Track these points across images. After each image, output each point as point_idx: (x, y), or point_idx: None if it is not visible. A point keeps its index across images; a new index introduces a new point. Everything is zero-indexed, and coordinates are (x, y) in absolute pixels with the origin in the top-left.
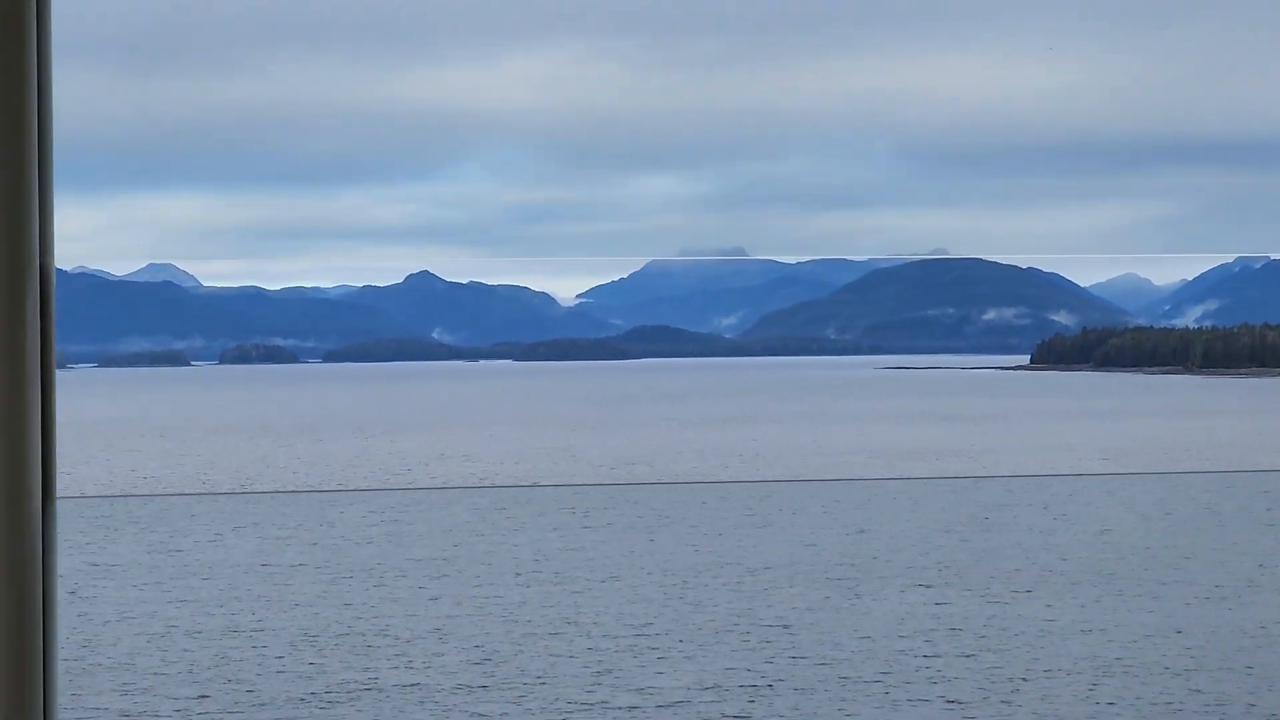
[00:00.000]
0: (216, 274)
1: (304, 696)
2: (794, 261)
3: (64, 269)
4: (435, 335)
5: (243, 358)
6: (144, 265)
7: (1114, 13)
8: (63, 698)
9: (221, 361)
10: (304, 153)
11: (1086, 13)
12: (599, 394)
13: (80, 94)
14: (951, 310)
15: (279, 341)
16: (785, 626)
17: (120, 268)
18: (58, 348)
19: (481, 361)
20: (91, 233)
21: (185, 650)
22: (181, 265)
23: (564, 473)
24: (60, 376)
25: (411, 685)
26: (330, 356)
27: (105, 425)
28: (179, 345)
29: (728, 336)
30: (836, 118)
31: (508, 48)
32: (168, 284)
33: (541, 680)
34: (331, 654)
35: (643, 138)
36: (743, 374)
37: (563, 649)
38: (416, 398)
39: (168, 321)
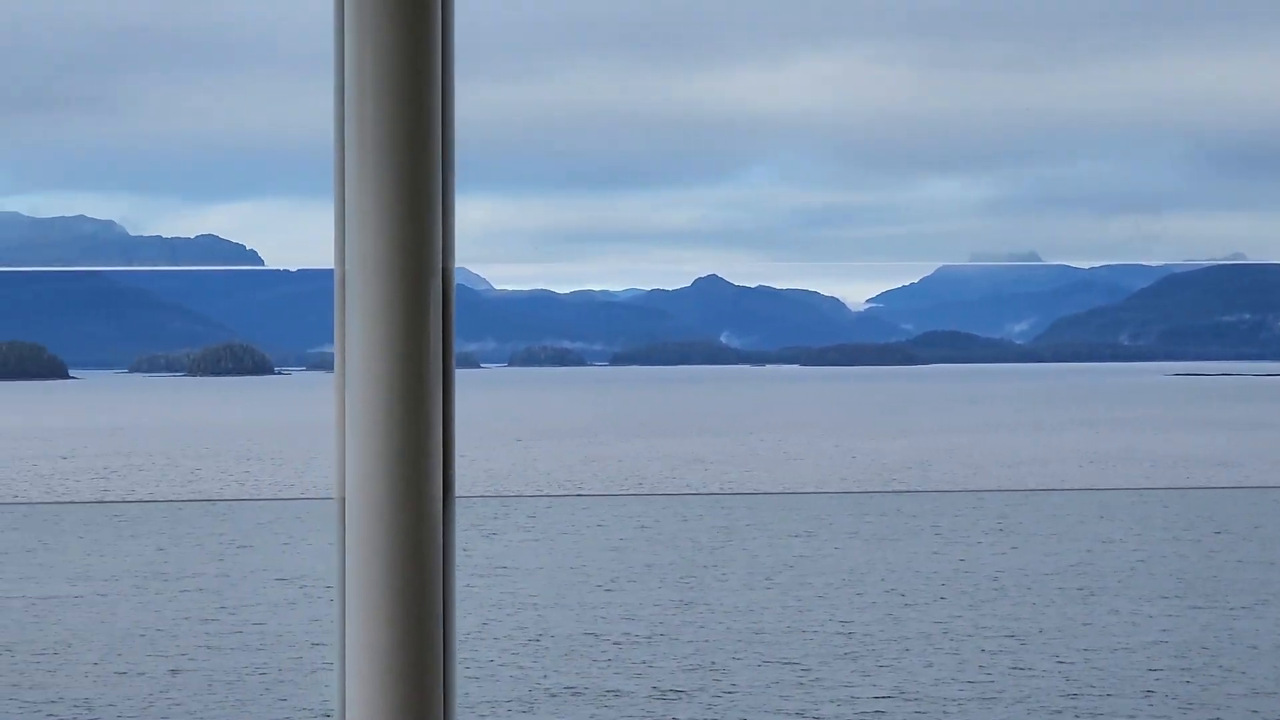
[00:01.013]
0: (508, 277)
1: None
2: (1087, 267)
3: None
4: (723, 339)
5: (531, 360)
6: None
7: None
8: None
9: (510, 364)
10: (594, 156)
11: None
12: (880, 399)
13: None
14: (1248, 316)
15: (567, 344)
16: (1010, 635)
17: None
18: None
19: (768, 366)
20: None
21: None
22: (474, 269)
23: (823, 479)
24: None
25: (609, 691)
26: (617, 360)
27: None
28: (471, 347)
29: (1019, 342)
30: (1131, 119)
31: (796, 50)
32: (461, 287)
33: (736, 688)
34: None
35: (933, 140)
36: (1031, 380)
37: (774, 654)
38: (698, 401)
39: (460, 324)
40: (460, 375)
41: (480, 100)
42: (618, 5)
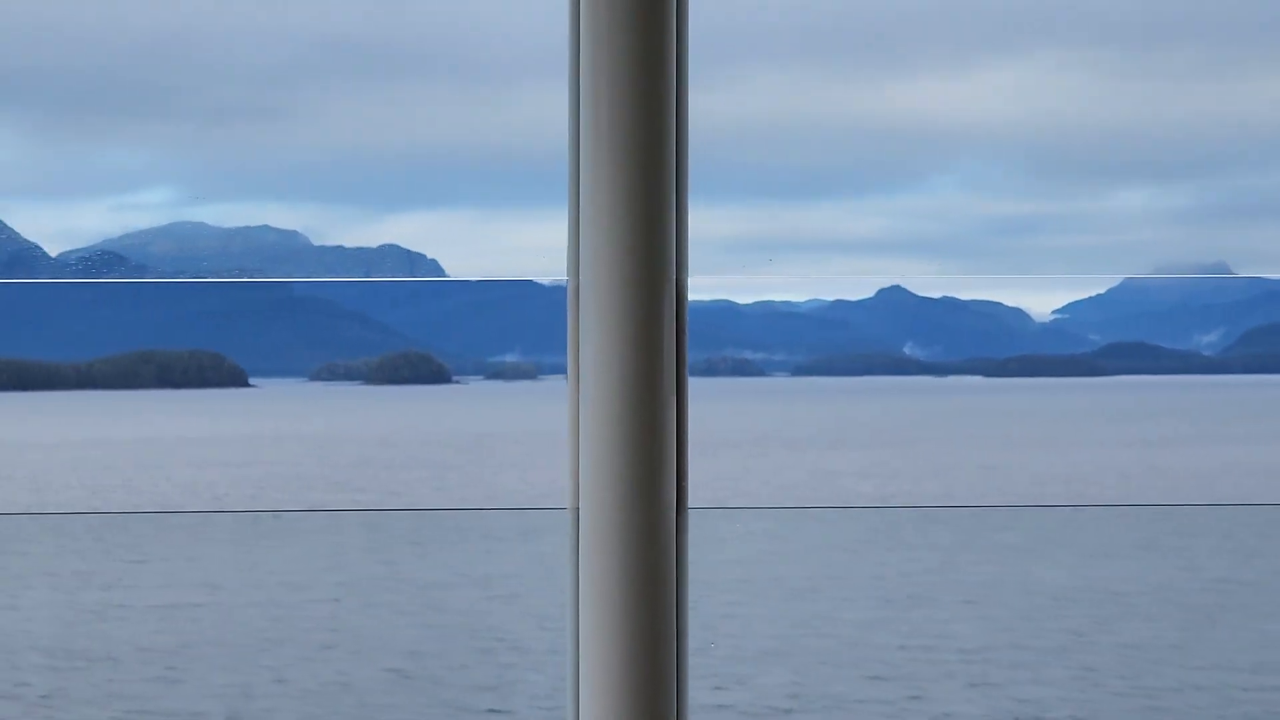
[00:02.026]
0: (692, 287)
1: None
2: (1279, 278)
3: (541, 282)
4: (906, 350)
5: (711, 370)
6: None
7: None
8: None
9: (690, 374)
10: (777, 166)
11: None
12: (1054, 410)
13: (550, 107)
14: None
15: (748, 355)
16: (1125, 657)
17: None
18: (529, 359)
19: (950, 377)
20: (565, 246)
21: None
22: None
23: (974, 491)
24: (528, 387)
25: (716, 706)
26: (798, 370)
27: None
28: None
29: (1206, 354)
30: None
31: (980, 59)
32: None
33: (841, 706)
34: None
35: (1120, 149)
36: (1215, 392)
37: (881, 670)
38: (873, 413)
39: None
40: None
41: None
42: (801, 15)
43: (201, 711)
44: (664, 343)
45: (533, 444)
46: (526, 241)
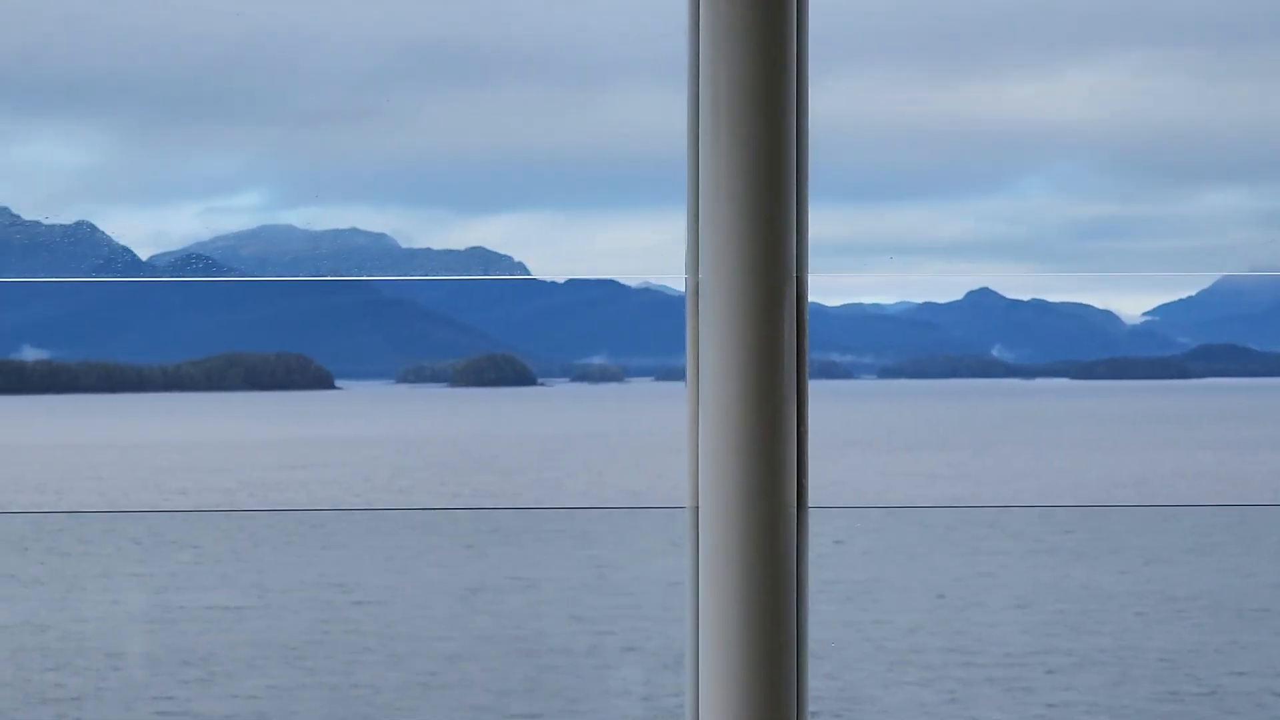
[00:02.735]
0: None
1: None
2: None
3: (627, 284)
4: (994, 353)
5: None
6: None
7: None
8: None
9: None
10: (865, 168)
11: None
12: (1137, 413)
13: (640, 109)
14: None
15: (835, 357)
16: (1163, 660)
17: (683, 283)
18: (616, 361)
19: (1037, 380)
20: (654, 248)
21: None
22: None
23: (1037, 494)
24: (616, 390)
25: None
26: (885, 373)
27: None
28: None
29: None
30: None
31: (1068, 59)
32: None
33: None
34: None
35: (1211, 150)
36: None
37: (913, 677)
38: (956, 415)
39: None
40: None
41: None
42: (886, 18)
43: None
44: (784, 340)
45: (619, 445)
46: (613, 244)
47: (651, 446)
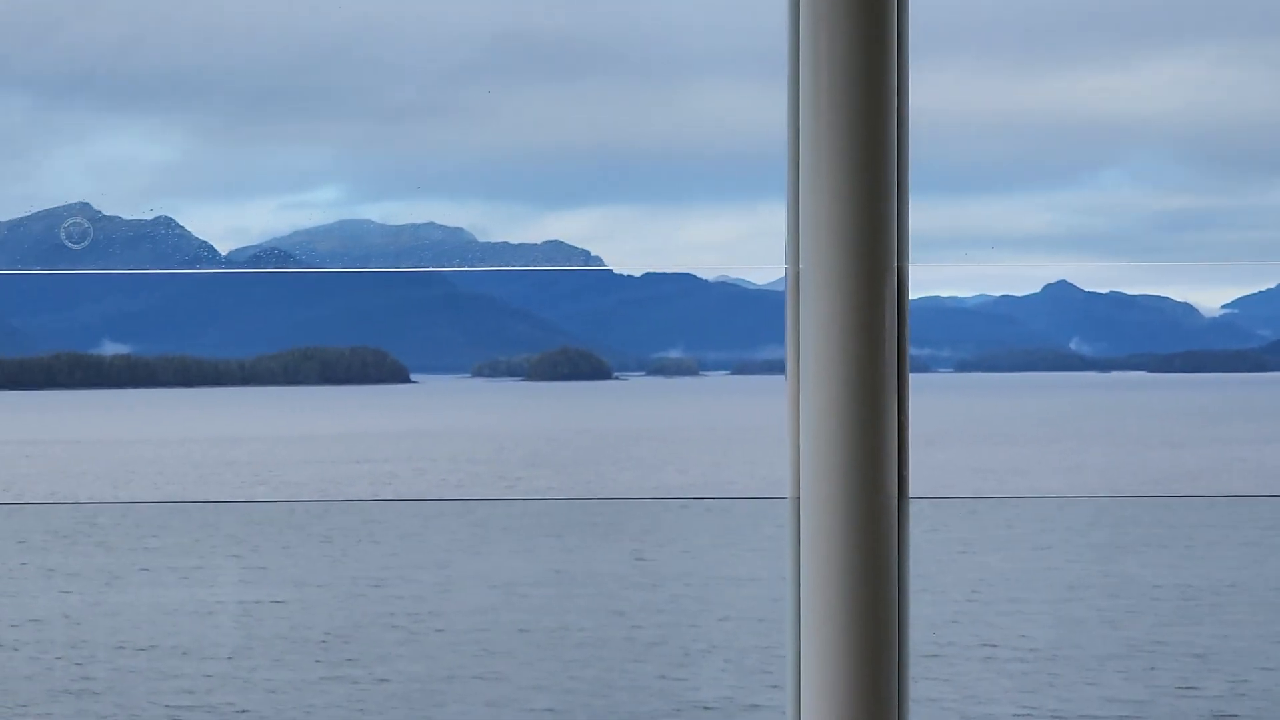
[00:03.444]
0: None
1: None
2: None
3: (704, 278)
4: (1072, 345)
5: None
6: (784, 274)
7: None
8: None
9: None
10: (943, 161)
11: None
12: (1210, 406)
13: (719, 103)
14: None
15: (913, 350)
16: (1198, 655)
17: (760, 277)
18: (691, 354)
19: (1114, 373)
20: (731, 241)
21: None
22: None
23: (1083, 486)
24: (691, 383)
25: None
26: (963, 366)
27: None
28: None
29: None
30: None
31: (1146, 51)
32: None
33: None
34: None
35: None
36: None
37: (942, 671)
38: (1030, 409)
39: None
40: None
41: None
42: (964, 12)
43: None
44: (885, 329)
45: (694, 439)
46: (690, 237)
47: (724, 440)
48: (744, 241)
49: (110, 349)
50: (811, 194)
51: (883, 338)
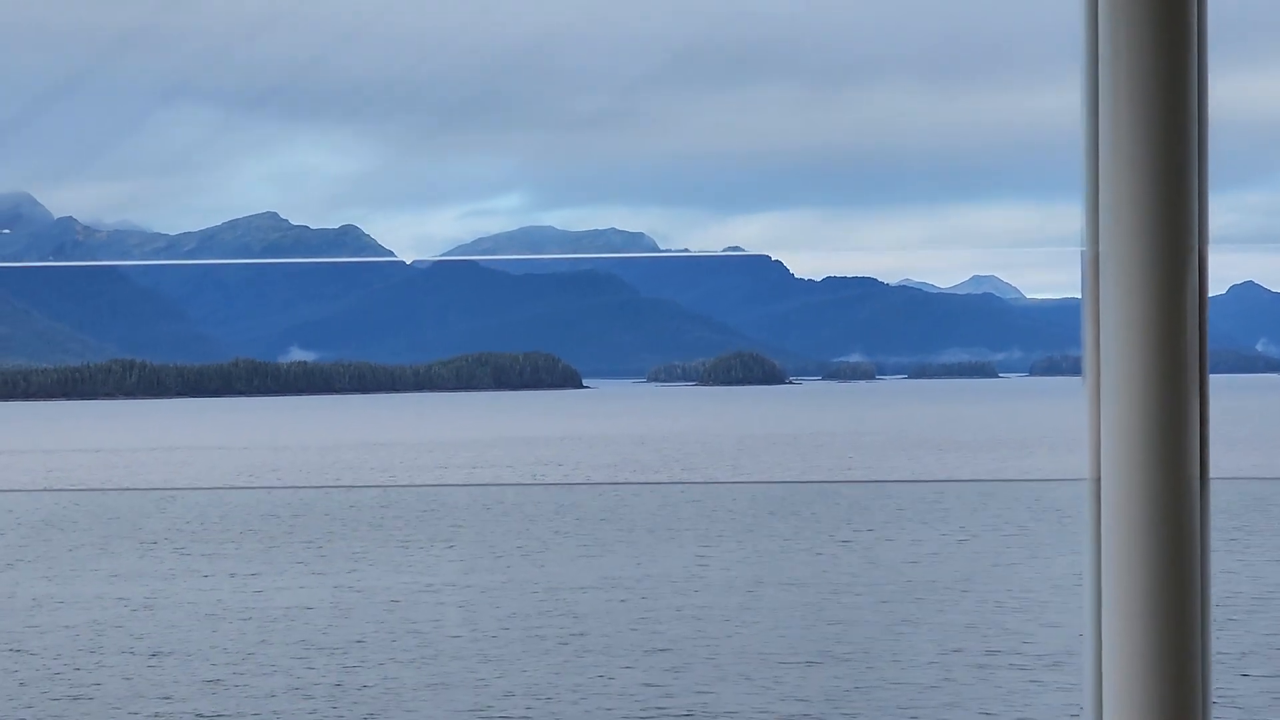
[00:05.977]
0: (1039, 286)
1: None
2: None
3: (885, 282)
4: (1259, 347)
5: (1052, 369)
6: (967, 278)
7: None
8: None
9: (1031, 373)
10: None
11: None
12: None
13: (900, 105)
14: None
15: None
16: (1241, 654)
17: (943, 280)
18: (872, 358)
19: None
20: (914, 245)
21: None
22: (1004, 277)
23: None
24: (866, 387)
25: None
26: None
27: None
28: (996, 357)
29: None
30: None
31: None
32: (988, 296)
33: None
34: None
35: None
36: None
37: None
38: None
39: (985, 333)
40: (975, 385)
41: (1001, 106)
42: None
43: None
44: (1187, 311)
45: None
46: (870, 241)
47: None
48: (928, 246)
49: (296, 356)
50: (1111, 178)
51: (1184, 319)
